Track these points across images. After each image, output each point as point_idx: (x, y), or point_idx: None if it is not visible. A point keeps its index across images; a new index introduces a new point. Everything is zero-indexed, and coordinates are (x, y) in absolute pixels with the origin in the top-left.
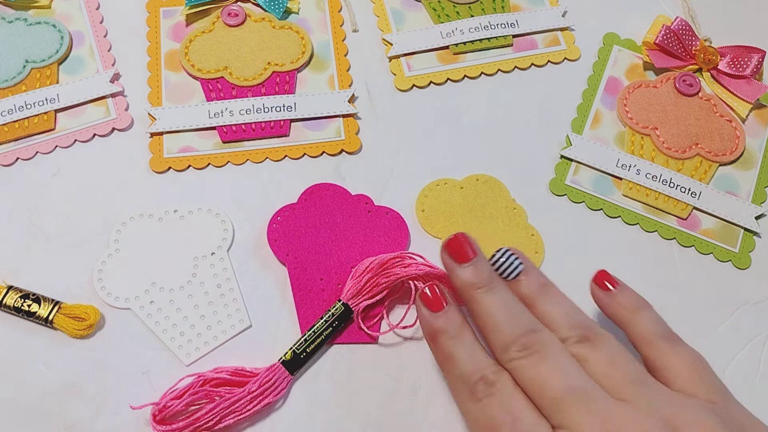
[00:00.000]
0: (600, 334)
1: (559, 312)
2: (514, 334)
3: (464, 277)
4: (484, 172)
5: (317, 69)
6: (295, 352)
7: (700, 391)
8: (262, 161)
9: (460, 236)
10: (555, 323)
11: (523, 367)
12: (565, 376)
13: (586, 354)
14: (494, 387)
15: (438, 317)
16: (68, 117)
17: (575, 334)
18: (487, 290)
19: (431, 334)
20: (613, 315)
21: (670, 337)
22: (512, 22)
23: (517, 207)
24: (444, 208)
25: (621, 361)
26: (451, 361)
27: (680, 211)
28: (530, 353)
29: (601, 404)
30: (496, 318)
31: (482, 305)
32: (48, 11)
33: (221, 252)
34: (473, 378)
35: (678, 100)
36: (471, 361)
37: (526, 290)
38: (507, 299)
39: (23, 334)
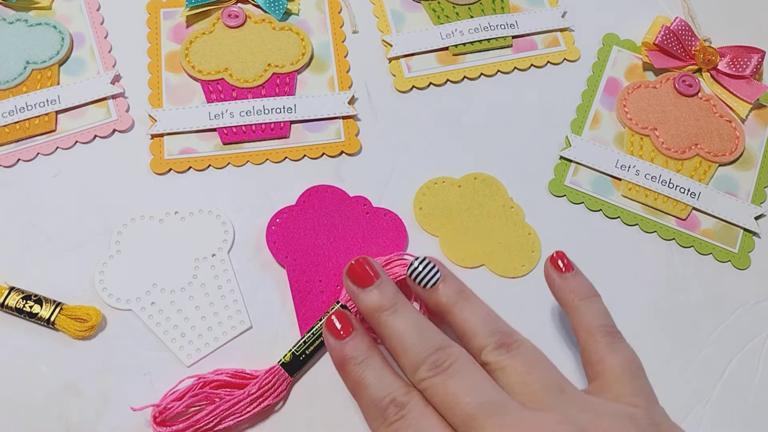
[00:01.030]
0: (517, 340)
1: (477, 319)
2: (423, 354)
3: (368, 301)
4: (483, 172)
5: (317, 70)
6: (294, 354)
7: (625, 392)
8: (262, 163)
9: (362, 260)
10: (473, 331)
11: (434, 386)
12: (477, 391)
13: (503, 361)
14: (404, 409)
15: (345, 344)
16: (69, 118)
17: (493, 341)
18: (393, 312)
19: (339, 362)
20: (561, 298)
21: (610, 331)
22: (512, 23)
23: (514, 206)
24: (442, 206)
25: (538, 368)
26: (361, 387)
27: (680, 212)
28: (440, 371)
29: (514, 416)
30: (405, 339)
31: (389, 328)
32: (49, 12)
33: (222, 253)
34: (384, 402)
35: (677, 101)
36: (380, 385)
37: (444, 298)
38: (414, 319)
39: (25, 335)
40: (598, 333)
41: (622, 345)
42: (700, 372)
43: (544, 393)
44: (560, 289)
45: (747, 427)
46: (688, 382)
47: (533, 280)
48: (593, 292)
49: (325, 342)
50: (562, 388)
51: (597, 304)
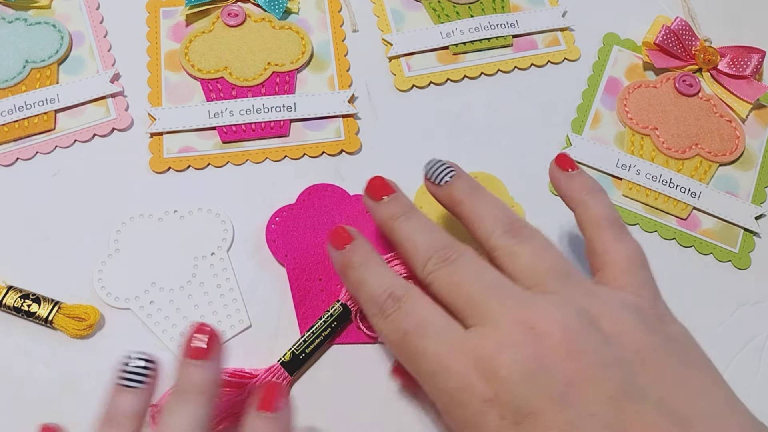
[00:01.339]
0: (526, 228)
1: (489, 209)
2: (432, 249)
3: (383, 210)
4: (484, 171)
5: (317, 69)
6: (294, 353)
7: (630, 283)
8: (262, 161)
9: (378, 178)
10: (483, 218)
11: (440, 277)
12: (480, 276)
13: (511, 247)
14: (401, 300)
15: (344, 252)
16: (68, 117)
17: (502, 225)
18: (406, 217)
19: (341, 269)
20: (566, 195)
21: (617, 223)
22: (512, 22)
23: (515, 205)
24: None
25: (545, 255)
26: (361, 285)
27: (680, 212)
28: (446, 263)
29: (516, 297)
30: (415, 239)
31: (401, 231)
32: (48, 11)
33: (221, 252)
34: (382, 296)
35: (678, 101)
36: (378, 281)
37: (456, 192)
38: (425, 222)
39: (23, 334)
40: (605, 224)
41: (628, 237)
42: None
43: (549, 278)
44: (566, 185)
45: None
46: None
47: None
48: (598, 187)
49: (329, 254)
50: (568, 274)
51: (603, 197)
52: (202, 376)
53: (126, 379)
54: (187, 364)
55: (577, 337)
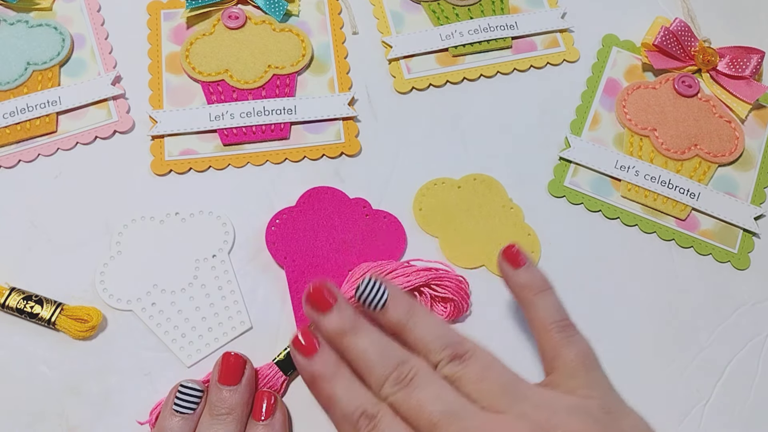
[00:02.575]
0: (470, 349)
1: (428, 335)
2: (386, 371)
3: (329, 326)
4: (483, 173)
5: (317, 72)
6: (289, 352)
7: (579, 384)
8: (262, 164)
9: (318, 285)
10: (427, 348)
11: (399, 401)
12: (438, 400)
13: (458, 372)
14: (375, 419)
15: (313, 362)
16: (70, 119)
17: (446, 354)
18: (353, 334)
19: (309, 380)
20: (515, 293)
21: (564, 326)
22: (511, 24)
23: (514, 206)
24: (441, 207)
25: (491, 374)
26: (332, 402)
27: (679, 212)
28: (403, 385)
29: (474, 420)
30: (367, 358)
31: (352, 350)
32: (49, 13)
33: (222, 254)
34: (355, 415)
35: (677, 101)
36: (350, 398)
37: (395, 318)
38: (374, 338)
39: (26, 335)
40: (553, 328)
41: (576, 338)
42: (699, 372)
43: (499, 396)
44: (514, 285)
45: (747, 427)
46: (688, 382)
47: None
48: (545, 285)
49: (293, 358)
50: (516, 388)
51: (550, 298)
52: (232, 400)
53: (180, 406)
54: (219, 389)
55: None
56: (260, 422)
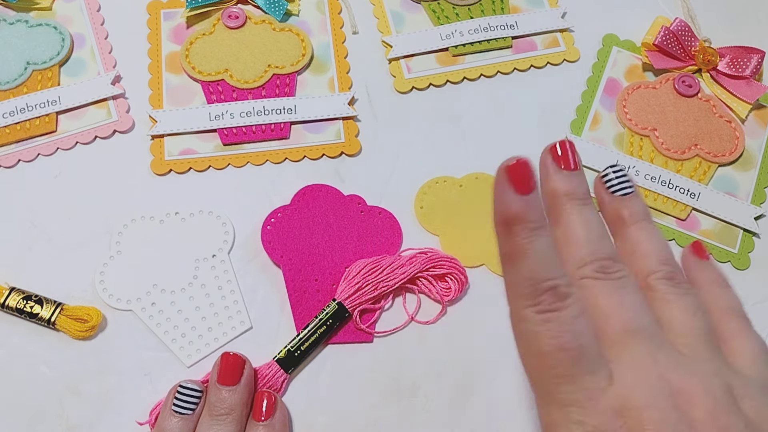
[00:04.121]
0: (685, 282)
1: (655, 244)
2: (597, 253)
3: (560, 183)
4: (485, 172)
5: (317, 71)
6: (289, 350)
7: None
8: (262, 164)
9: (570, 144)
10: (648, 253)
11: (596, 288)
12: (638, 312)
13: (670, 294)
14: (564, 303)
15: (524, 200)
16: (70, 119)
17: (666, 269)
18: (582, 204)
19: (508, 218)
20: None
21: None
22: (512, 24)
23: None
24: (442, 205)
25: (702, 317)
26: (523, 257)
27: (679, 212)
28: (607, 277)
29: (669, 354)
30: (581, 232)
31: (572, 216)
32: (49, 13)
33: (222, 254)
34: (543, 284)
35: (677, 101)
36: (546, 263)
37: (628, 212)
38: (598, 221)
39: (25, 335)
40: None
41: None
42: None
43: (701, 343)
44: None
45: None
46: None
47: None
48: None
49: (494, 189)
50: (718, 345)
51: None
52: (232, 400)
53: (179, 406)
54: (219, 389)
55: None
56: (260, 422)
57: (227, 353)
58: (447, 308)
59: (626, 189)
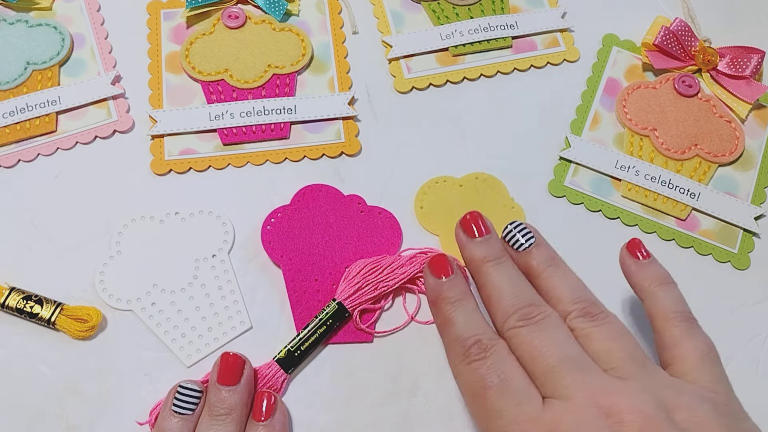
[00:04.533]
0: (603, 312)
1: (565, 286)
2: (516, 305)
3: (474, 251)
4: (485, 172)
5: (317, 71)
6: (289, 350)
7: (704, 379)
8: (262, 163)
9: (475, 214)
10: (560, 296)
11: (519, 335)
12: (561, 347)
13: (588, 328)
14: (488, 351)
15: (442, 283)
16: (69, 119)
17: (579, 308)
18: (496, 264)
19: (434, 298)
20: (637, 285)
21: (688, 318)
22: (512, 24)
23: (515, 206)
24: (442, 205)
25: (622, 340)
26: (449, 325)
27: (679, 212)
28: (529, 323)
29: (596, 377)
30: (501, 289)
31: (489, 277)
32: (49, 13)
33: (222, 254)
34: (468, 341)
35: (677, 101)
36: (468, 325)
37: (535, 262)
38: (513, 275)
39: (25, 335)
40: (676, 318)
41: (699, 332)
42: None
43: (626, 363)
44: (636, 275)
45: None
46: None
47: None
48: (669, 279)
49: (424, 278)
50: (644, 362)
51: (674, 289)
52: (231, 400)
53: (179, 406)
54: (219, 389)
55: (654, 428)
56: (260, 422)
57: (227, 353)
58: None
59: (528, 242)
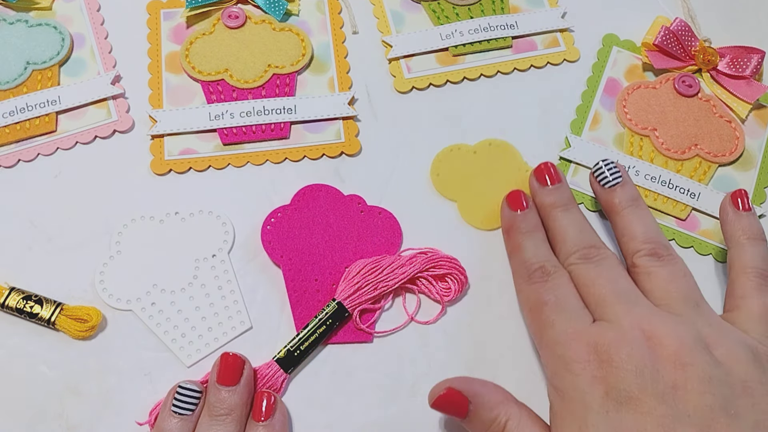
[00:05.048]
0: (671, 254)
1: (640, 225)
2: (579, 245)
3: (546, 197)
4: (497, 138)
5: (317, 71)
6: (289, 350)
7: (756, 331)
8: (262, 163)
9: (548, 164)
10: (634, 234)
11: (579, 269)
12: (615, 281)
13: (651, 267)
14: (549, 275)
15: (516, 215)
16: (69, 119)
17: (648, 247)
18: (564, 210)
19: (507, 227)
20: (728, 232)
21: (764, 275)
22: (512, 24)
23: (529, 169)
24: (458, 172)
25: (680, 281)
26: (518, 250)
27: (679, 212)
28: (587, 261)
29: (643, 308)
30: (566, 231)
31: (557, 221)
32: (49, 13)
33: (222, 254)
34: (534, 266)
35: (677, 101)
36: (536, 252)
37: (618, 200)
38: (579, 219)
39: (25, 335)
40: (752, 272)
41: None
42: None
43: (679, 302)
44: (731, 223)
45: None
46: None
47: None
48: (761, 235)
49: (501, 209)
50: (698, 303)
51: (760, 247)
52: (231, 401)
53: (178, 407)
54: (218, 390)
55: (689, 353)
56: (260, 422)
57: (227, 353)
58: (447, 308)
59: (615, 179)
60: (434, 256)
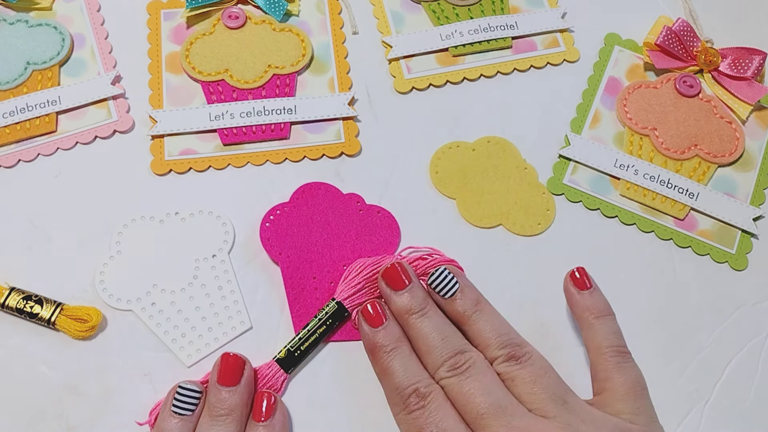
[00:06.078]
0: (527, 353)
1: (490, 330)
2: (444, 355)
3: (400, 303)
4: (496, 135)
5: (317, 71)
6: (289, 350)
7: (626, 410)
8: (262, 164)
9: (397, 265)
10: (487, 342)
11: (451, 385)
12: (488, 393)
13: (513, 372)
14: (425, 399)
15: (377, 332)
16: (70, 119)
17: (504, 353)
18: (420, 315)
19: (371, 348)
20: (576, 314)
21: (620, 352)
22: (512, 24)
23: (528, 167)
24: (457, 169)
25: (545, 380)
26: (388, 374)
27: (678, 212)
28: (458, 372)
29: (520, 419)
30: (429, 341)
31: (417, 329)
32: (49, 13)
33: (222, 254)
34: (407, 390)
35: (678, 101)
36: (406, 374)
37: (461, 308)
38: (439, 323)
39: (25, 335)
40: (608, 352)
41: (630, 365)
42: (699, 372)
43: (549, 402)
44: (576, 305)
45: (746, 427)
46: (688, 382)
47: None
48: (607, 311)
49: (359, 328)
50: (565, 399)
51: (610, 322)
52: (232, 401)
53: (178, 407)
54: (219, 390)
55: None
56: (260, 423)
57: (227, 354)
58: None
59: (452, 289)
60: (434, 261)
